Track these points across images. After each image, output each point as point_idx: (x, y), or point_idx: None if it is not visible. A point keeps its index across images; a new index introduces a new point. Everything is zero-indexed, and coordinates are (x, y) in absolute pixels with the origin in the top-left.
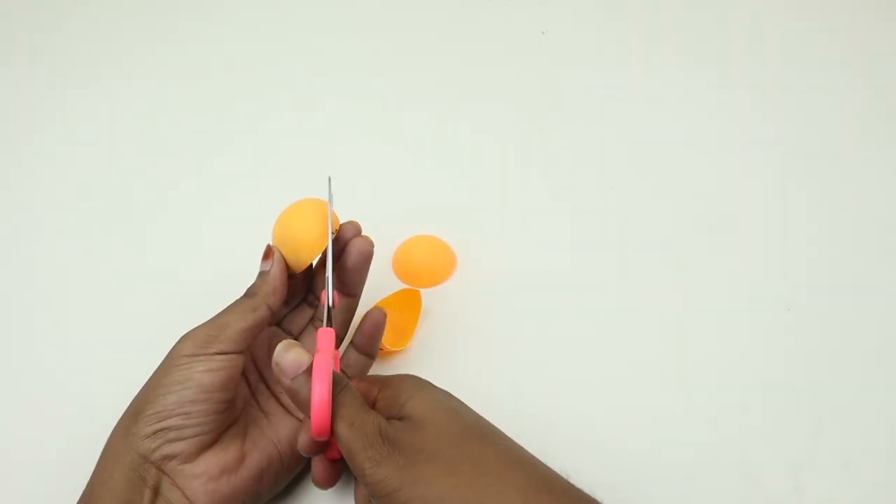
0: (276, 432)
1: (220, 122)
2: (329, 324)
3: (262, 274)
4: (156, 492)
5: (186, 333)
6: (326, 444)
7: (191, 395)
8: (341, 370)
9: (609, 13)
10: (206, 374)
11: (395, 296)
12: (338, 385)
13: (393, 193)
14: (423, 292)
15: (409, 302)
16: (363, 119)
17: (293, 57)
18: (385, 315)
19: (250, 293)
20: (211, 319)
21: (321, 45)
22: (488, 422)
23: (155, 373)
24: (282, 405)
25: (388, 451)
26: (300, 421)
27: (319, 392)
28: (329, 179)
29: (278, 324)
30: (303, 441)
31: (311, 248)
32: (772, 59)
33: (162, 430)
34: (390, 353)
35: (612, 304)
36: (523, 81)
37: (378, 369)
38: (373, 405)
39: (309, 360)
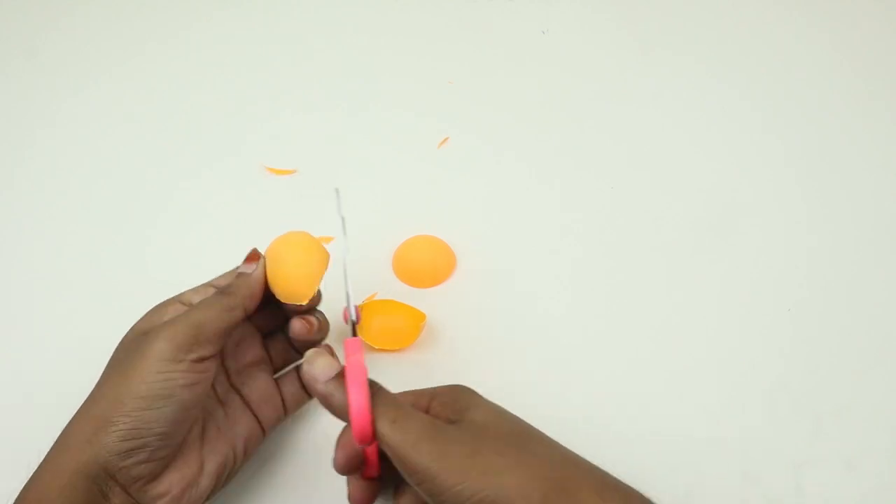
0: (232, 429)
1: (222, 122)
2: (354, 334)
3: (242, 275)
4: None
5: (155, 328)
6: (363, 462)
7: (172, 413)
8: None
9: (609, 13)
10: (186, 389)
11: (400, 304)
12: (373, 387)
13: (393, 193)
14: (423, 292)
15: (413, 316)
16: (363, 119)
17: (294, 58)
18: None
19: (227, 292)
20: (183, 315)
21: (321, 46)
22: (542, 431)
23: (121, 373)
24: (240, 396)
25: (447, 441)
26: (256, 419)
27: (357, 394)
28: (337, 191)
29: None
30: (339, 458)
31: (305, 286)
32: (772, 60)
33: (136, 449)
34: (390, 352)
35: (612, 303)
36: (523, 81)
37: (378, 370)
38: (426, 409)
39: (339, 365)
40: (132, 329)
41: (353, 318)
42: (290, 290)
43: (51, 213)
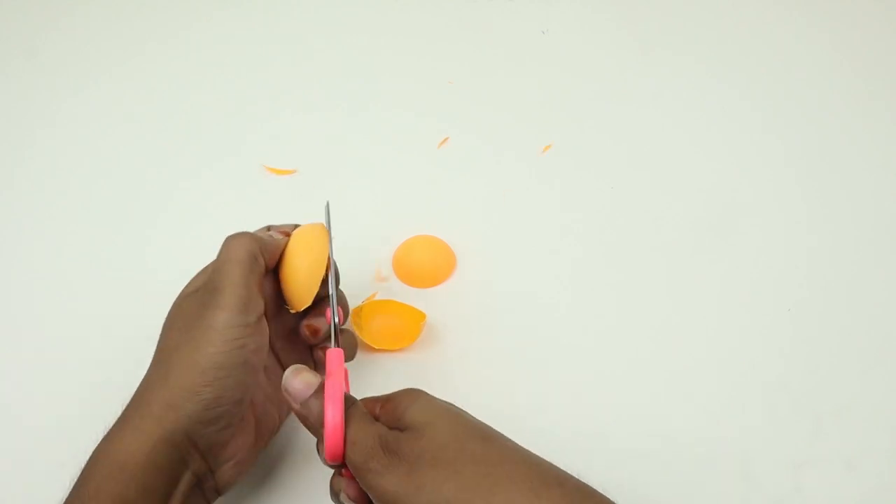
0: (275, 391)
1: (222, 122)
2: (337, 343)
3: (268, 235)
4: (197, 479)
5: (210, 298)
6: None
7: (245, 378)
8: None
9: (609, 13)
10: (256, 353)
11: (400, 304)
12: (346, 405)
13: (393, 193)
14: (423, 292)
15: (413, 316)
16: (363, 119)
17: (294, 58)
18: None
19: (249, 234)
20: (219, 271)
21: (321, 46)
22: (488, 425)
23: (193, 340)
24: (279, 362)
25: (389, 460)
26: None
27: (333, 416)
28: (327, 205)
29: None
30: (323, 459)
31: (306, 290)
32: (772, 60)
33: (218, 416)
34: (389, 352)
35: (611, 303)
36: (523, 81)
37: (378, 370)
38: (376, 416)
39: (318, 382)
40: (184, 290)
41: (336, 321)
42: (290, 295)
43: (51, 213)
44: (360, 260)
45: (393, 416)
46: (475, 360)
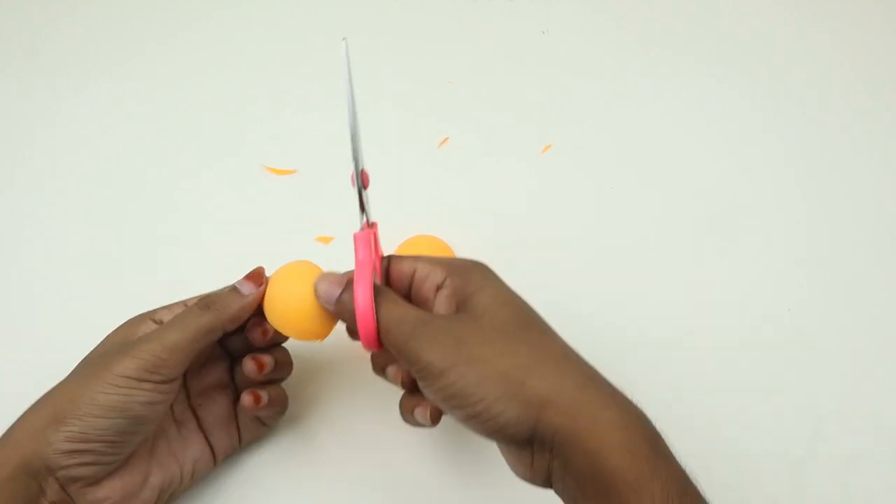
0: (183, 449)
1: (222, 122)
2: (363, 210)
3: (235, 291)
4: None
5: (129, 343)
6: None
7: (125, 425)
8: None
9: (609, 13)
10: (145, 406)
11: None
12: (375, 290)
13: (393, 193)
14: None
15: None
16: (363, 119)
17: (294, 58)
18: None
19: (213, 306)
20: (159, 333)
21: (321, 46)
22: (547, 322)
23: (85, 377)
24: (196, 418)
25: (434, 333)
26: (208, 444)
27: (362, 300)
28: (345, 40)
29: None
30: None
31: (314, 325)
32: (772, 60)
33: (80, 451)
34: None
35: (611, 304)
36: (523, 81)
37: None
38: (437, 288)
39: (345, 279)
40: (104, 342)
41: (360, 183)
42: (303, 326)
43: (51, 213)
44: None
45: (460, 292)
46: None
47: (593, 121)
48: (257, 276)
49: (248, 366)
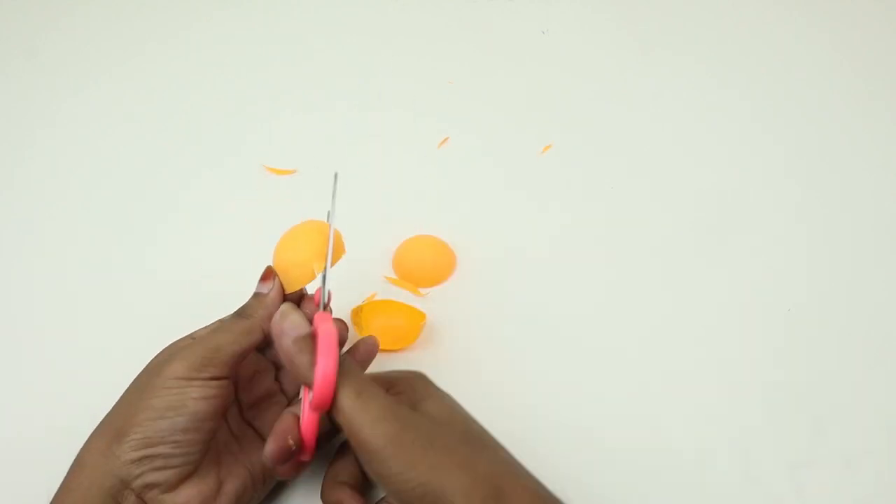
0: (248, 457)
1: (222, 122)
2: (324, 308)
3: (258, 295)
4: None
5: (174, 351)
6: (296, 451)
7: (183, 423)
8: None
9: (609, 13)
10: (200, 401)
11: (400, 304)
12: (340, 358)
13: (393, 193)
14: (423, 292)
15: (413, 316)
16: (363, 119)
17: (294, 58)
18: (377, 345)
19: (245, 314)
20: (201, 338)
21: (321, 46)
22: (486, 430)
23: (138, 390)
24: (253, 429)
25: (403, 427)
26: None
27: (326, 359)
28: (336, 176)
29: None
30: (272, 448)
31: (305, 270)
32: (772, 60)
33: (148, 457)
34: (389, 353)
35: (611, 303)
36: (523, 81)
37: (378, 369)
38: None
39: (310, 326)
40: (151, 361)
41: (325, 300)
42: (291, 275)
43: (51, 213)
44: (359, 259)
45: (408, 398)
46: (475, 359)
47: (593, 121)
48: (268, 274)
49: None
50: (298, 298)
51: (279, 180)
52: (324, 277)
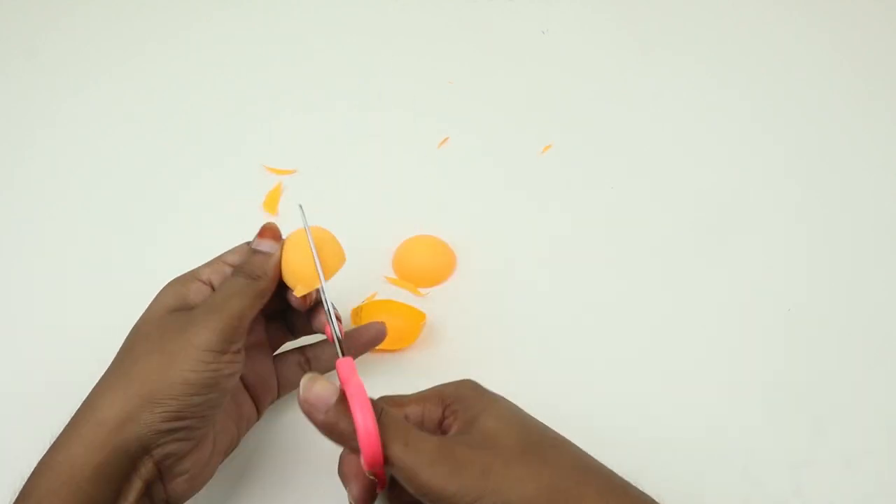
0: (236, 410)
1: (222, 122)
2: (343, 354)
3: (265, 255)
4: (147, 486)
5: (198, 317)
6: (376, 484)
7: (215, 400)
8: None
9: (609, 13)
10: (230, 378)
11: (400, 304)
12: (376, 409)
13: (393, 193)
14: (423, 292)
15: (413, 316)
16: (363, 119)
17: (294, 58)
18: (384, 332)
19: (252, 274)
20: (221, 304)
21: (321, 46)
22: (552, 429)
23: (168, 350)
24: (241, 379)
25: (459, 463)
26: (252, 401)
27: (364, 419)
28: (301, 207)
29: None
30: (356, 491)
31: (313, 279)
32: (772, 60)
33: (179, 429)
34: (389, 352)
35: (612, 304)
36: (523, 81)
37: (378, 370)
38: (440, 422)
39: (338, 390)
40: (158, 305)
41: (338, 334)
42: (307, 275)
43: (51, 213)
44: (359, 259)
45: (463, 418)
46: (475, 359)
47: (593, 121)
48: (273, 232)
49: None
50: (312, 305)
51: (279, 180)
52: (328, 314)
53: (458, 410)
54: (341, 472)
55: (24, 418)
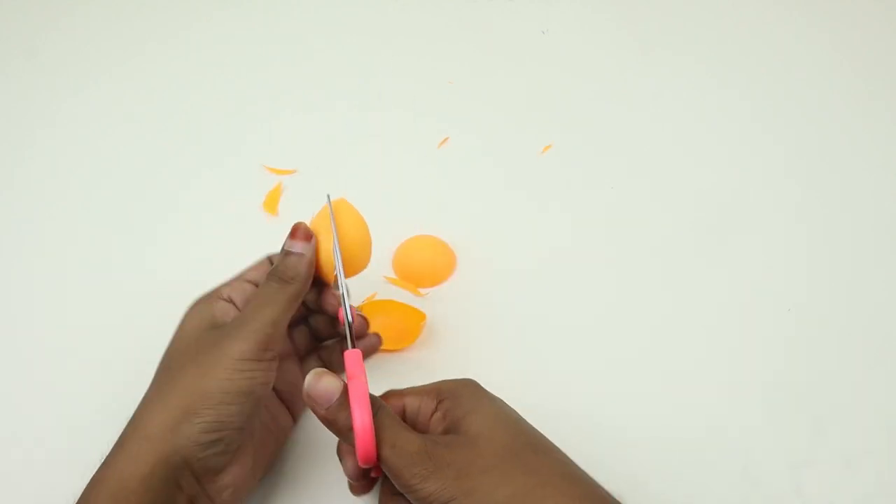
0: (273, 421)
1: (222, 122)
2: (353, 344)
3: (297, 256)
4: (191, 501)
5: (234, 328)
6: (374, 469)
7: (250, 409)
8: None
9: (609, 13)
10: (264, 386)
11: (400, 304)
12: (374, 408)
13: (393, 193)
14: (423, 292)
15: (413, 316)
16: (363, 119)
17: (294, 58)
18: (379, 344)
19: (286, 278)
20: (255, 312)
21: (321, 46)
22: (543, 435)
23: (199, 367)
24: (275, 390)
25: (436, 465)
26: (288, 410)
27: (361, 420)
28: (328, 197)
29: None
30: (349, 468)
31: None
32: (772, 60)
33: (216, 440)
34: (389, 352)
35: (612, 304)
36: (523, 81)
37: (379, 369)
38: (431, 414)
39: (341, 386)
40: (188, 324)
41: (350, 319)
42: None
43: (51, 213)
44: None
45: (453, 415)
46: (475, 359)
47: (593, 121)
48: (304, 232)
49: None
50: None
51: (284, 180)
52: (343, 298)
53: (449, 408)
54: (338, 448)
55: (24, 418)
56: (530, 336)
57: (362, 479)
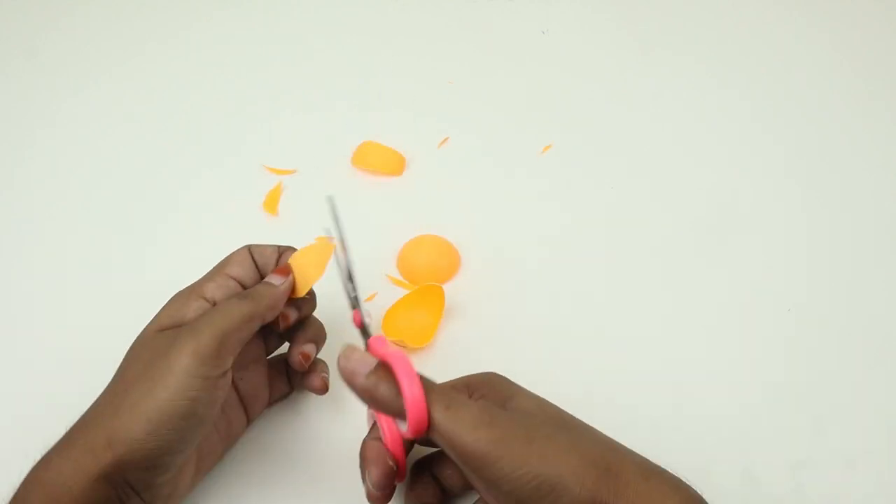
0: (227, 427)
1: (222, 122)
2: (368, 336)
3: (268, 285)
4: None
5: (182, 339)
6: (397, 475)
7: (193, 434)
8: None
9: (609, 13)
10: (207, 407)
11: (417, 293)
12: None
13: (396, 193)
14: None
15: (432, 298)
16: (363, 119)
17: (294, 58)
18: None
19: (250, 296)
20: (206, 322)
21: (321, 46)
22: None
23: (151, 376)
24: (237, 392)
25: (502, 429)
26: (245, 412)
27: (410, 382)
28: (331, 199)
29: None
30: (375, 475)
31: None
32: (772, 60)
33: (157, 465)
34: (411, 351)
35: (612, 304)
36: (523, 81)
37: None
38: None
39: (374, 358)
40: (156, 322)
41: (367, 320)
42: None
43: (51, 213)
44: (363, 260)
45: (494, 399)
46: (479, 358)
47: (593, 121)
48: (286, 269)
49: (297, 359)
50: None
51: (284, 180)
52: (358, 300)
53: (488, 394)
54: (363, 457)
55: (22, 418)
56: (533, 334)
57: (388, 489)
